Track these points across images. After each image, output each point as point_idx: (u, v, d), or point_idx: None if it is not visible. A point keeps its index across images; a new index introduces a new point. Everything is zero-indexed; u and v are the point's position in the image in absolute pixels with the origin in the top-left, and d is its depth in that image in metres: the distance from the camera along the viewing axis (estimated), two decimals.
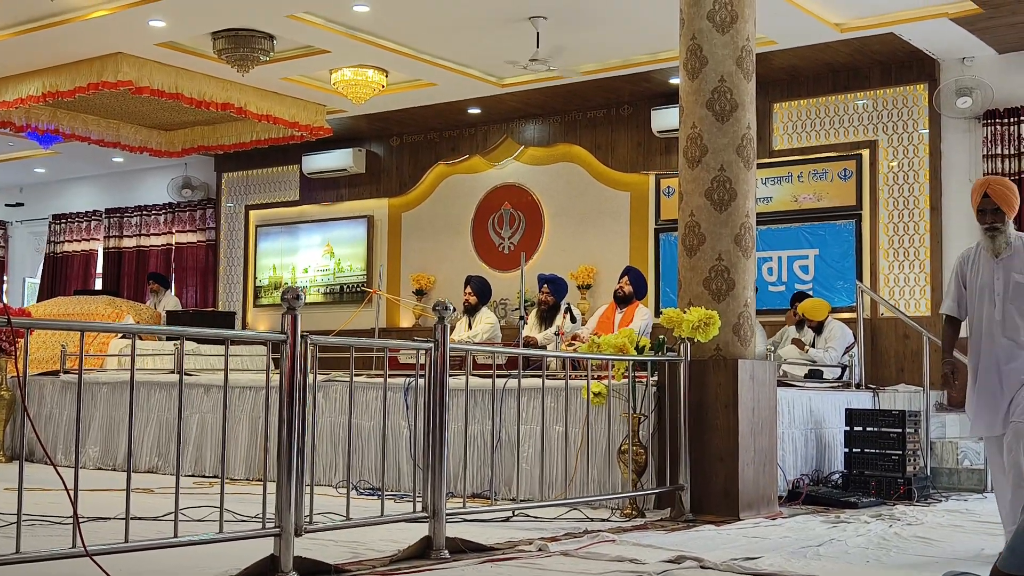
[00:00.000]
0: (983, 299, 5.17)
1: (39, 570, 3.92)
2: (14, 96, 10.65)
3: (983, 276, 5.19)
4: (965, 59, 9.72)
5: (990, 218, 5.11)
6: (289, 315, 4.26)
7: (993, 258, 5.16)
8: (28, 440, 8.80)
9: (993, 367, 5.08)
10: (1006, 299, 5.09)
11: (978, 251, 5.26)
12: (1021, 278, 5.09)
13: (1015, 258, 5.14)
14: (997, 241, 5.12)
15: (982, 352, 5.14)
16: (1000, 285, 5.12)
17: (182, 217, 14.93)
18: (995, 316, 5.11)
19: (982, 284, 5.19)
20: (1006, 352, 5.05)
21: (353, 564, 4.48)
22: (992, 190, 5.13)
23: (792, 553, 4.96)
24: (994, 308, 5.13)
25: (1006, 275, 5.11)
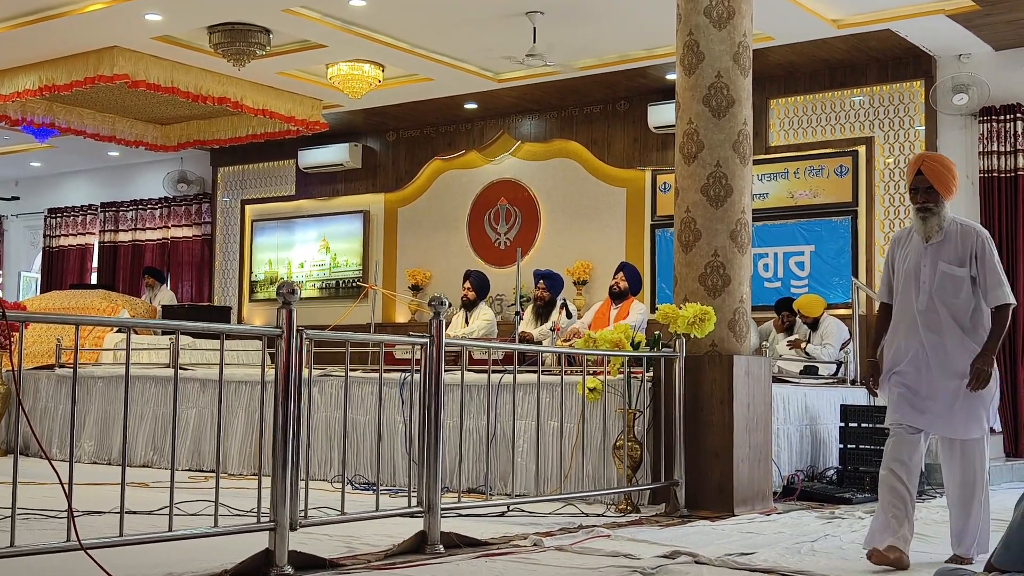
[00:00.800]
0: (908, 286, 4.78)
1: (34, 564, 3.92)
2: (10, 90, 10.64)
3: (911, 261, 4.80)
4: (962, 56, 9.72)
5: (922, 198, 4.71)
6: (285, 310, 4.26)
7: (923, 242, 4.76)
8: (23, 434, 8.80)
9: (913, 362, 4.72)
10: (932, 288, 4.70)
11: (910, 234, 4.87)
12: (949, 268, 4.69)
13: (946, 245, 4.73)
14: (928, 224, 4.71)
15: (901, 344, 4.77)
16: (927, 273, 4.72)
17: (178, 211, 14.91)
18: (919, 306, 4.72)
19: (908, 270, 4.79)
20: (930, 347, 4.69)
21: (348, 558, 4.48)
22: (927, 167, 4.72)
23: (787, 549, 4.97)
24: (918, 297, 4.74)
25: (934, 262, 4.72)
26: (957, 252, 4.71)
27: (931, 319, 4.70)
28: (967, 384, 4.61)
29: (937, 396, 4.67)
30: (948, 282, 4.68)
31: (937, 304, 4.69)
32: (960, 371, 4.64)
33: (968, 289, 4.70)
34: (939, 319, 4.68)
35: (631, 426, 6.32)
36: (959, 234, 4.73)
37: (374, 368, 7.90)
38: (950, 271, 4.68)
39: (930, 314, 4.70)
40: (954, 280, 4.69)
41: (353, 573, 4.22)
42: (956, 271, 4.68)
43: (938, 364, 4.67)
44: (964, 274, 4.68)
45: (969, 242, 4.71)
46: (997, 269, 4.69)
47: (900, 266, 4.85)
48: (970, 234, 4.73)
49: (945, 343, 4.68)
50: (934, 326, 4.69)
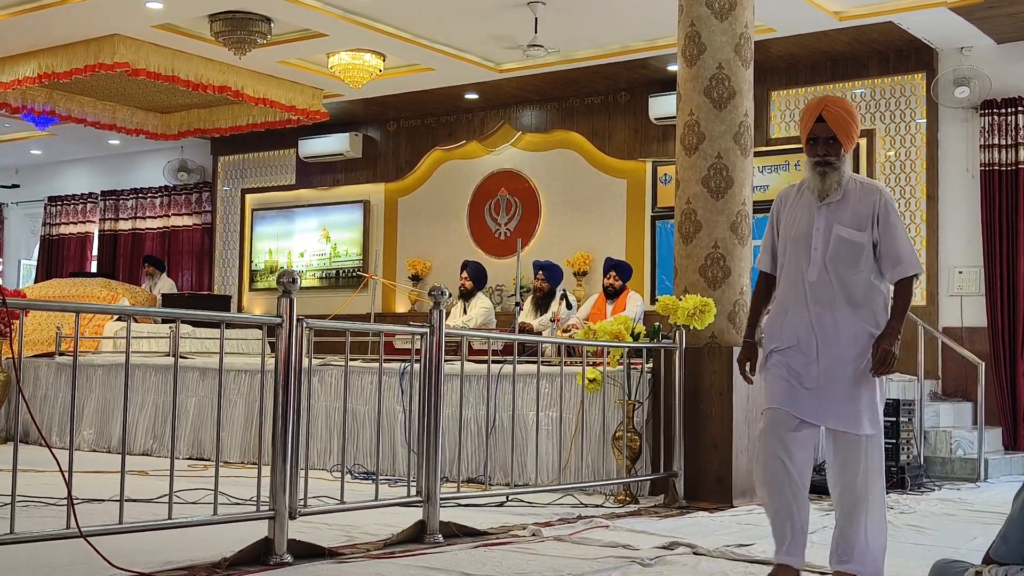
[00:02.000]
0: (797, 254, 4.08)
1: (34, 551, 3.93)
2: (10, 77, 10.62)
3: (801, 224, 4.10)
4: (963, 49, 9.70)
5: (822, 149, 4.03)
6: (285, 298, 4.26)
7: (817, 202, 4.08)
8: (23, 422, 8.81)
9: (800, 343, 4.03)
10: (825, 256, 4.03)
11: (801, 191, 4.17)
12: (846, 232, 4.01)
13: (845, 205, 4.05)
14: (827, 180, 4.04)
15: (786, 323, 4.07)
16: (820, 237, 4.04)
17: (178, 200, 14.90)
18: (809, 277, 4.04)
19: (798, 234, 4.09)
20: (820, 325, 4.00)
21: (347, 547, 4.49)
22: (830, 113, 4.02)
23: None
24: (808, 266, 4.05)
25: (829, 225, 4.03)
26: (856, 214, 4.03)
27: (822, 292, 4.02)
28: (870, 369, 3.94)
29: (827, 383, 3.97)
30: (844, 248, 4.01)
31: (830, 274, 4.02)
32: (855, 355, 3.97)
33: (868, 258, 4.02)
34: (832, 292, 4.01)
35: (630, 417, 6.32)
36: (859, 193, 4.06)
37: (374, 358, 7.91)
38: (848, 235, 4.00)
39: (821, 286, 4.02)
40: (851, 247, 4.01)
41: (352, 562, 4.23)
42: (854, 236, 4.00)
43: (830, 346, 3.98)
44: (864, 240, 4.00)
45: (871, 202, 4.03)
46: (903, 235, 4.06)
47: (787, 230, 4.15)
48: (872, 193, 4.06)
49: (838, 321, 3.99)
50: (825, 300, 4.01)
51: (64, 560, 3.88)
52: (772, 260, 4.24)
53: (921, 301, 9.71)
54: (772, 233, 4.24)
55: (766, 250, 4.27)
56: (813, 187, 4.09)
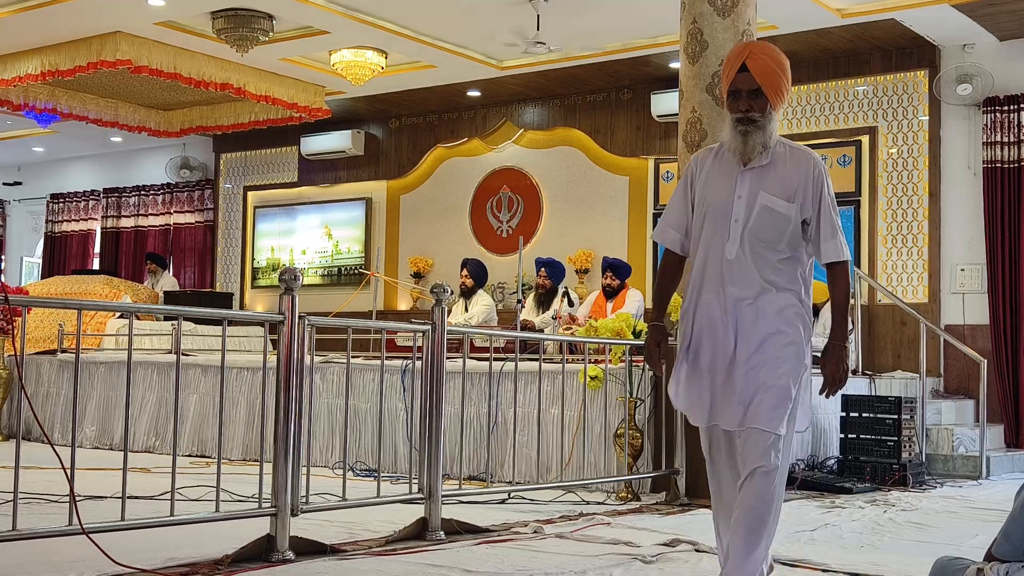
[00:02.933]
0: (714, 226, 3.51)
1: (36, 547, 3.93)
2: (12, 74, 10.63)
3: (719, 192, 3.53)
4: (966, 46, 9.70)
5: (745, 104, 3.46)
6: (287, 296, 4.27)
7: (739, 166, 3.51)
8: (25, 419, 8.82)
9: (714, 334, 3.47)
10: (747, 229, 3.46)
11: (719, 154, 3.60)
12: (773, 201, 3.45)
13: (772, 171, 3.50)
14: (751, 140, 3.47)
15: (699, 307, 3.53)
16: (742, 207, 3.47)
17: (180, 197, 14.91)
18: (727, 254, 3.47)
19: (716, 204, 3.52)
20: (735, 313, 3.45)
21: (349, 544, 4.49)
22: (756, 63, 3.45)
23: (786, 537, 4.98)
24: (727, 242, 3.48)
25: (753, 193, 3.47)
26: (785, 182, 3.47)
27: (741, 274, 3.46)
28: (821, 390, 3.51)
29: (746, 376, 3.42)
30: (770, 221, 3.45)
31: (751, 252, 3.45)
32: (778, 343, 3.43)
33: (793, 236, 3.48)
34: (753, 273, 3.45)
35: (632, 414, 6.33)
36: (789, 158, 3.50)
37: (376, 355, 7.91)
38: (774, 205, 3.45)
39: (740, 267, 3.46)
40: (777, 220, 3.45)
41: (354, 558, 4.23)
42: (782, 207, 3.45)
43: (748, 336, 3.44)
44: (792, 214, 3.45)
45: (803, 170, 3.49)
46: (835, 212, 3.52)
47: (704, 199, 3.56)
48: (804, 160, 3.51)
49: (758, 307, 3.44)
50: (744, 283, 3.45)
51: (66, 557, 3.89)
52: (682, 235, 3.66)
53: (923, 298, 9.71)
54: (684, 203, 3.65)
55: (673, 224, 3.68)
56: (734, 149, 3.50)
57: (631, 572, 4.12)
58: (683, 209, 3.66)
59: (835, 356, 3.52)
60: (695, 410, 3.55)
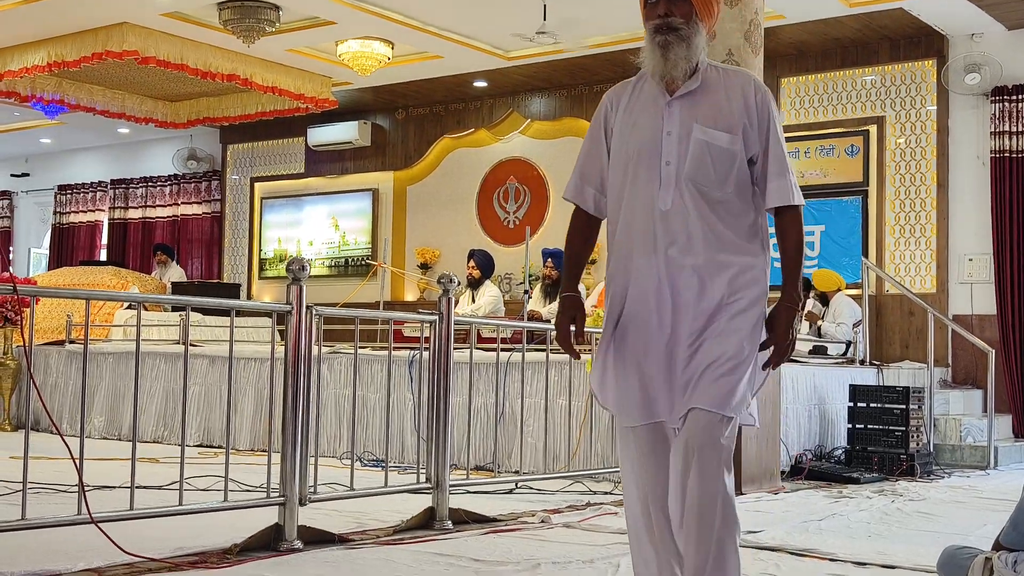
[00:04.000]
0: (640, 173, 2.84)
1: (45, 536, 3.95)
2: (19, 65, 10.64)
3: (643, 129, 2.86)
4: (974, 35, 9.66)
5: (664, 7, 2.81)
6: (295, 286, 4.27)
7: (665, 95, 2.85)
8: (34, 409, 8.84)
9: (651, 308, 2.81)
10: (683, 173, 2.79)
11: (639, 85, 2.94)
12: (712, 134, 2.80)
13: (705, 98, 2.84)
14: (672, 55, 2.80)
15: (629, 275, 2.87)
16: (673, 145, 2.80)
17: (187, 189, 14.92)
18: (660, 205, 2.80)
19: (641, 144, 2.85)
20: (675, 279, 2.78)
21: (357, 534, 4.50)
22: None
23: (794, 527, 4.98)
24: (658, 190, 2.80)
25: (685, 126, 2.81)
26: (723, 109, 2.82)
27: (680, 227, 2.79)
28: (765, 364, 2.81)
29: (689, 358, 2.78)
30: (710, 159, 2.79)
31: (691, 201, 2.78)
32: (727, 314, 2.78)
33: (740, 174, 2.83)
34: (695, 228, 2.78)
35: None
36: (723, 81, 2.86)
37: (383, 346, 7.92)
38: (713, 139, 2.79)
39: (678, 218, 2.79)
40: (719, 156, 2.79)
41: (362, 548, 4.24)
42: (722, 139, 2.79)
43: (688, 308, 2.79)
44: (735, 148, 2.80)
45: (742, 95, 2.84)
46: (784, 146, 2.89)
47: (624, 141, 2.90)
48: (744, 83, 2.87)
49: (703, 270, 2.78)
50: (685, 239, 2.78)
51: (75, 546, 3.90)
52: (599, 187, 3.01)
53: (931, 288, 9.69)
54: (600, 151, 2.98)
55: (588, 177, 3.03)
56: (655, 70, 2.83)
57: None
58: (599, 158, 2.99)
59: (784, 321, 2.79)
60: (626, 405, 2.84)
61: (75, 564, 3.67)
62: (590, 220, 3.09)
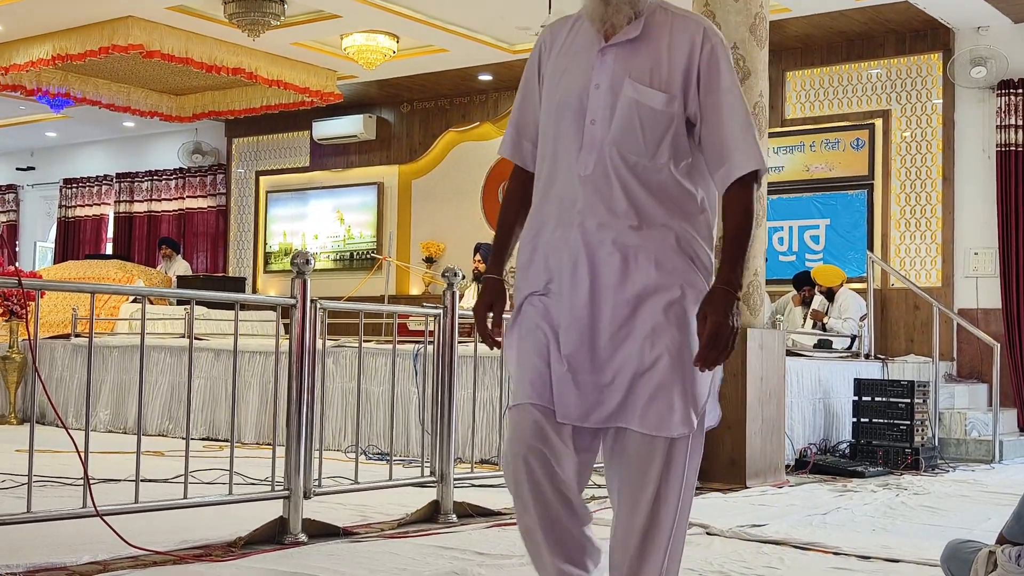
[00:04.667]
0: (562, 130, 2.45)
1: (50, 529, 3.96)
2: (25, 59, 10.65)
3: (571, 79, 2.46)
4: (980, 28, 9.64)
5: None
6: (299, 279, 4.27)
7: (599, 41, 2.45)
8: (39, 403, 8.86)
9: (562, 287, 2.41)
10: (608, 134, 2.39)
11: (576, 25, 2.56)
12: (645, 93, 2.38)
13: (645, 48, 2.42)
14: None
15: (541, 250, 2.46)
16: (600, 101, 2.40)
17: (192, 182, 14.93)
18: (580, 169, 2.40)
19: (567, 97, 2.45)
20: (593, 257, 2.38)
21: (361, 527, 4.51)
22: None
23: (798, 521, 4.98)
24: (579, 152, 2.41)
25: (617, 79, 2.40)
26: (662, 62, 2.41)
27: (602, 198, 2.39)
28: (697, 358, 2.35)
29: (611, 353, 2.37)
30: (640, 121, 2.38)
31: (616, 167, 2.38)
32: (658, 304, 2.37)
33: (678, 139, 2.41)
34: (619, 198, 2.38)
35: None
36: (669, 29, 2.44)
37: (388, 339, 7.92)
38: (645, 98, 2.38)
39: (600, 186, 2.39)
40: (652, 118, 2.39)
41: (367, 541, 4.25)
42: (656, 99, 2.38)
43: (609, 293, 2.38)
44: (673, 109, 2.39)
45: (691, 45, 2.42)
46: (741, 108, 2.42)
47: (551, 89, 2.50)
48: (692, 31, 2.44)
49: (627, 248, 2.38)
50: (606, 211, 2.38)
51: (80, 539, 3.91)
52: (535, 144, 2.57)
53: (937, 282, 9.67)
54: (534, 97, 2.58)
55: (522, 129, 2.62)
56: (594, 13, 2.46)
57: None
58: (534, 107, 2.57)
59: (719, 307, 2.32)
60: (526, 388, 2.42)
61: (80, 557, 3.67)
62: (526, 183, 2.60)
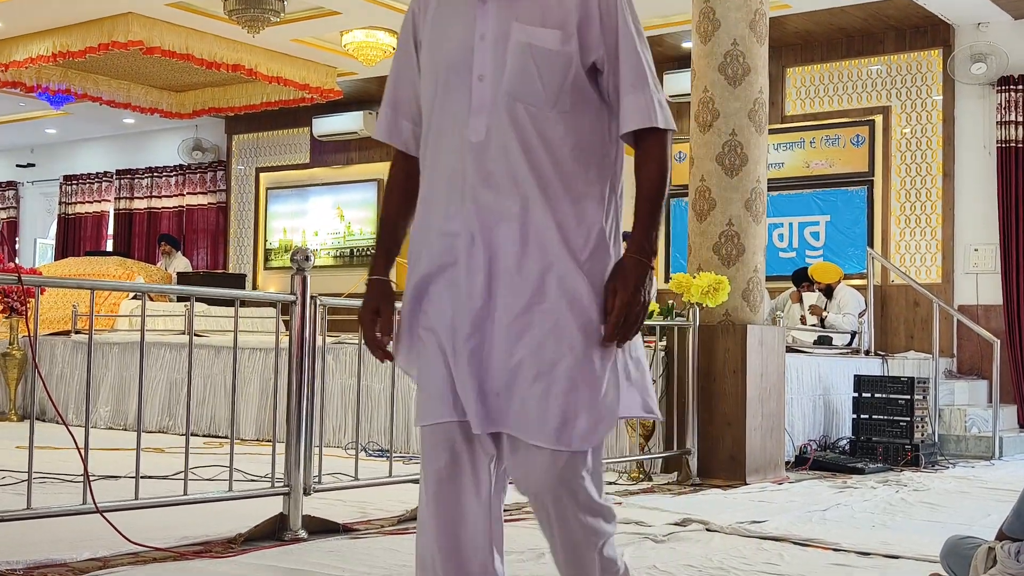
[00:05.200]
0: (448, 92, 2.16)
1: (50, 526, 3.96)
2: (25, 56, 10.64)
3: (452, 34, 2.18)
4: (980, 24, 9.63)
5: None
6: (299, 276, 4.28)
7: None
8: (40, 399, 8.87)
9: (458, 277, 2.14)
10: (500, 89, 2.10)
11: None
12: (536, 33, 2.11)
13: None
14: None
15: (432, 229, 2.21)
16: (488, 53, 2.12)
17: (192, 179, 14.93)
18: (470, 135, 2.11)
19: (449, 56, 2.16)
20: (494, 237, 2.11)
21: (361, 523, 4.51)
22: None
23: (798, 517, 4.99)
24: (468, 115, 2.12)
25: (503, 26, 2.13)
26: (552, 2, 2.14)
27: (497, 166, 2.11)
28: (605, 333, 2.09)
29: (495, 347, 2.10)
30: (535, 67, 2.11)
31: (512, 128, 2.10)
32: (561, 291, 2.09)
33: (579, 86, 2.14)
34: (518, 165, 2.10)
35: None
36: None
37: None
38: (537, 39, 2.11)
39: (495, 154, 2.11)
40: (548, 61, 2.11)
41: (367, 538, 4.25)
42: (550, 40, 2.11)
43: (507, 278, 2.10)
44: (570, 48, 2.12)
45: None
46: (643, 51, 2.18)
47: (431, 53, 2.21)
48: None
49: (528, 224, 2.10)
50: (502, 182, 2.11)
51: (80, 535, 3.91)
52: (415, 123, 2.28)
53: (937, 279, 9.67)
54: (411, 68, 2.27)
55: (398, 104, 2.32)
56: None
57: (642, 551, 4.13)
58: (412, 80, 2.27)
59: (629, 280, 2.10)
60: (428, 399, 2.18)
61: (80, 553, 3.68)
62: (411, 164, 2.30)
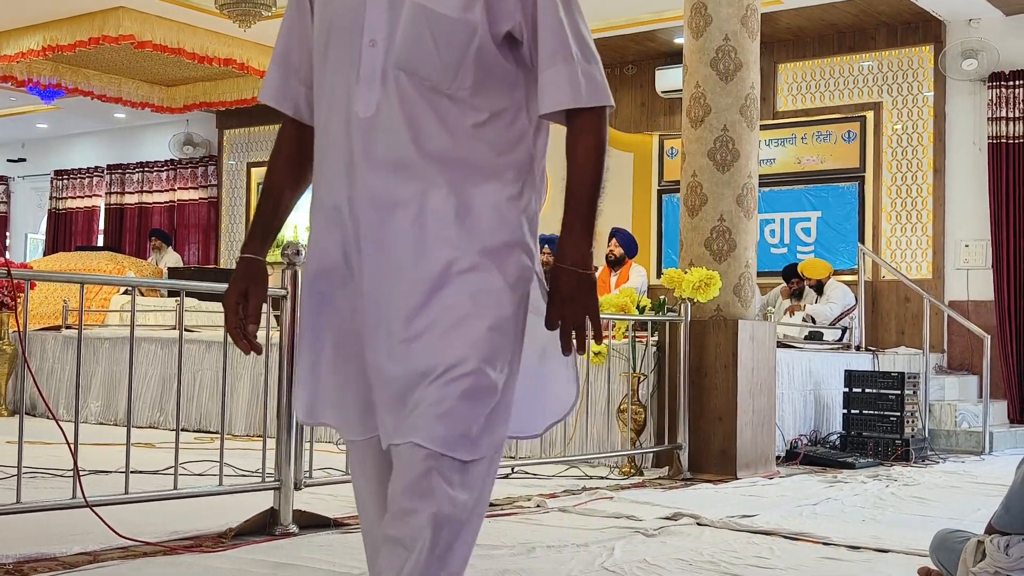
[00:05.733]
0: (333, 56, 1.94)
1: (40, 520, 3.95)
2: (15, 50, 10.60)
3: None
4: (971, 21, 9.65)
5: None
6: (289, 271, 4.27)
7: None
8: (30, 394, 8.84)
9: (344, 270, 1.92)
10: (391, 56, 1.86)
11: None
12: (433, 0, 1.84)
13: None
14: None
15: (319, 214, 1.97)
16: (379, 15, 1.86)
17: (184, 174, 14.90)
18: (358, 108, 1.87)
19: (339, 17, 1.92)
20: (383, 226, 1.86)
21: (352, 518, 4.51)
22: None
23: (788, 511, 5.00)
24: (356, 85, 1.88)
25: None
26: None
27: (387, 145, 1.86)
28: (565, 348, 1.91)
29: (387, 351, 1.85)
30: (431, 34, 1.85)
31: (404, 100, 1.86)
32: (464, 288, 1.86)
33: (484, 58, 1.88)
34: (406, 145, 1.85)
35: (635, 390, 6.34)
36: None
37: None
38: (434, 4, 1.85)
39: (385, 131, 1.86)
40: (446, 30, 1.86)
41: (357, 532, 4.25)
42: (448, 5, 1.86)
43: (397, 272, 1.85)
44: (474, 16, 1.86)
45: None
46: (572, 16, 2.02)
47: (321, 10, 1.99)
48: None
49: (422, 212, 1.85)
50: (393, 163, 1.86)
51: (70, 530, 3.90)
52: (308, 85, 2.08)
53: (927, 274, 9.69)
54: (305, 24, 2.08)
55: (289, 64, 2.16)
56: None
57: (633, 545, 4.13)
58: (305, 35, 2.07)
59: (571, 301, 1.92)
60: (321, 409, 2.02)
61: (70, 548, 3.67)
62: (303, 133, 2.09)
